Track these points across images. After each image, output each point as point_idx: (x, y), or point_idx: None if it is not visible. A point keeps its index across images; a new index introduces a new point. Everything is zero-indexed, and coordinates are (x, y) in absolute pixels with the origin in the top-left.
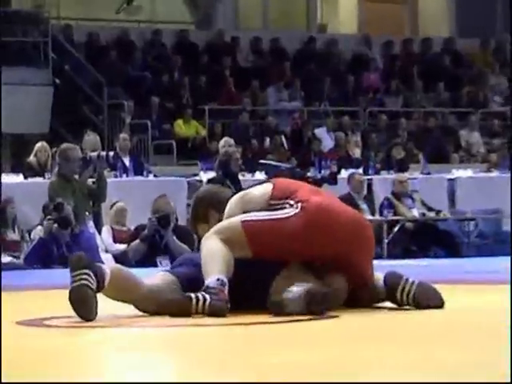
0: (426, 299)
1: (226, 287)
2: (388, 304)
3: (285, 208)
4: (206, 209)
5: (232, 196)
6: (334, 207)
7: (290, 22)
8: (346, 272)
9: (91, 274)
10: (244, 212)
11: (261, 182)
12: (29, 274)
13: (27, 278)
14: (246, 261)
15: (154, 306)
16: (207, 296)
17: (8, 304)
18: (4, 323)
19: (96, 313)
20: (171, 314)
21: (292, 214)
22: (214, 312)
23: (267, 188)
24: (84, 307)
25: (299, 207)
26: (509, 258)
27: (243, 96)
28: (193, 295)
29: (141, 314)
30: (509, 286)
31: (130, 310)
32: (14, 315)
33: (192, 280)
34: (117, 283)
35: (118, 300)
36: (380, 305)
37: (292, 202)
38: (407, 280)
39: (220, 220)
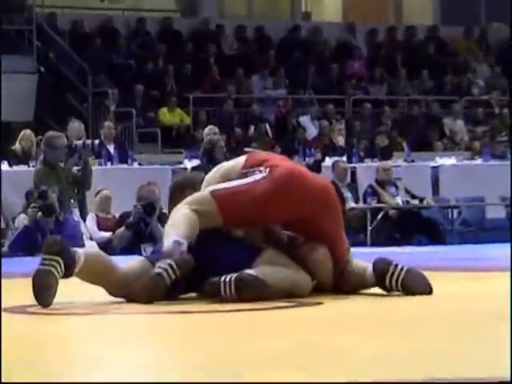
0: (415, 285)
1: (184, 246)
2: (377, 290)
3: (254, 174)
4: (183, 189)
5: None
6: (302, 173)
7: (274, 10)
8: (320, 241)
9: (60, 261)
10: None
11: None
12: (13, 261)
13: (11, 265)
14: (224, 245)
15: (127, 290)
16: (166, 263)
17: None
18: None
19: (52, 299)
20: (150, 296)
21: (260, 177)
22: (183, 266)
23: (241, 159)
24: (42, 293)
25: (267, 171)
26: (495, 245)
27: (228, 84)
28: (159, 269)
29: (120, 300)
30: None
31: (108, 295)
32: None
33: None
34: (92, 268)
35: (92, 283)
36: (369, 291)
37: (261, 168)
38: (396, 266)
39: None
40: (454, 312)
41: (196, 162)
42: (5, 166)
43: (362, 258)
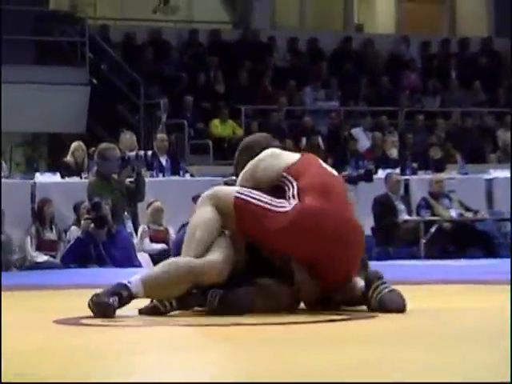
0: (390, 303)
1: None
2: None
3: (285, 194)
4: (248, 158)
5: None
6: (326, 212)
7: (326, 22)
8: (320, 277)
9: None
10: (256, 180)
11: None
12: (65, 273)
13: (64, 277)
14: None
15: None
16: None
17: (45, 303)
18: (42, 322)
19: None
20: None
21: (283, 210)
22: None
23: (291, 159)
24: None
25: (290, 206)
26: None
27: (280, 95)
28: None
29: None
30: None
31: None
32: (52, 314)
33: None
34: (160, 284)
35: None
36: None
37: (292, 191)
38: (384, 283)
39: None
40: (505, 324)
41: None
42: (57, 178)
43: (415, 270)
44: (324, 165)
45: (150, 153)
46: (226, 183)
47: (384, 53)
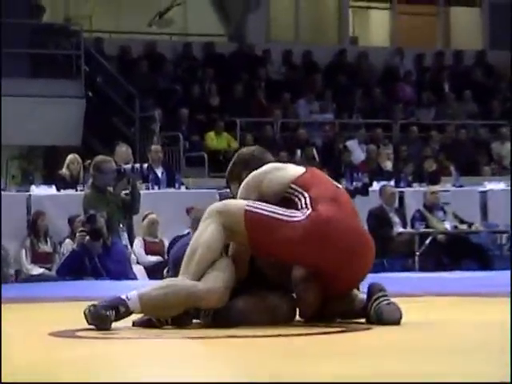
0: (386, 316)
1: None
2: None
3: (296, 205)
4: (241, 170)
5: (269, 162)
6: (339, 221)
7: (321, 35)
8: (325, 286)
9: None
10: (260, 193)
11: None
12: (61, 285)
13: (59, 289)
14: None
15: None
16: None
17: (40, 315)
18: (37, 334)
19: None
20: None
21: (296, 220)
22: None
23: (296, 171)
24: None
25: (306, 214)
26: None
27: (274, 108)
28: None
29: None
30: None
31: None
32: (47, 326)
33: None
34: (157, 303)
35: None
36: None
37: (303, 201)
38: (385, 295)
39: None
40: (501, 336)
41: None
42: (52, 190)
43: (410, 283)
44: (326, 176)
45: (145, 165)
46: (221, 195)
47: (378, 65)
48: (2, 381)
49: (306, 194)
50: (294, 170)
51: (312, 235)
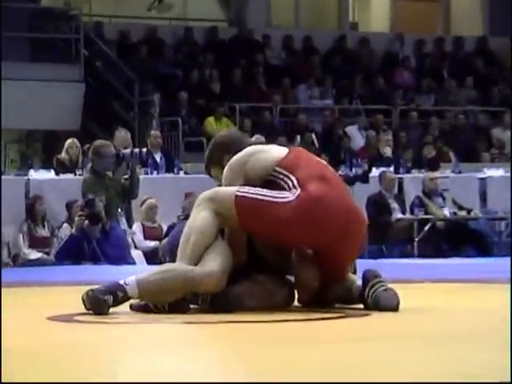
0: (384, 302)
1: None
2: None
3: (283, 187)
4: (222, 154)
5: (249, 145)
6: (330, 199)
7: (321, 20)
8: (321, 265)
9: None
10: (245, 176)
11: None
12: (59, 269)
13: (57, 273)
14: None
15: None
16: None
17: (38, 299)
18: (35, 319)
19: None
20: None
21: (286, 200)
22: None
23: (280, 153)
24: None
25: (296, 194)
26: None
27: (274, 93)
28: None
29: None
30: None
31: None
32: (45, 311)
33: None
34: (154, 289)
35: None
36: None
37: (291, 183)
38: (381, 281)
39: None
40: (499, 323)
41: None
42: (51, 175)
43: (409, 269)
44: (312, 155)
45: (144, 150)
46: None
47: (379, 51)
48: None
49: (293, 177)
50: (277, 152)
51: (303, 215)
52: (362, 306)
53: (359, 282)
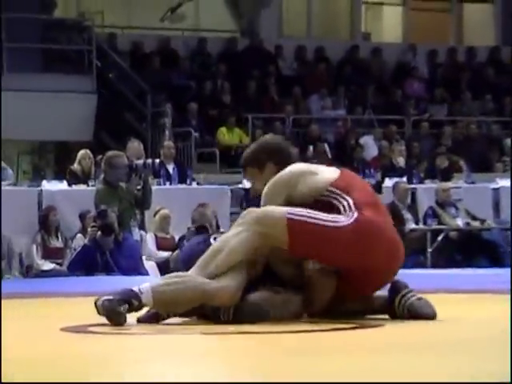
0: (420, 310)
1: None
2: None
3: (337, 207)
4: (266, 160)
5: (294, 162)
6: (384, 225)
7: (333, 31)
8: (354, 286)
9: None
10: (289, 195)
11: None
12: (72, 280)
13: (71, 284)
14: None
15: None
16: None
17: (51, 310)
18: (48, 330)
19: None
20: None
21: (342, 225)
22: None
23: (332, 173)
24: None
25: (352, 218)
26: None
27: (286, 104)
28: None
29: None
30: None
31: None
32: (58, 322)
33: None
34: (170, 298)
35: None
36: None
37: (346, 203)
38: (411, 291)
39: (277, 172)
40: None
41: None
42: (63, 186)
43: (422, 279)
44: (362, 180)
45: (157, 161)
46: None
47: (391, 61)
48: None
49: (348, 198)
50: (329, 173)
51: (360, 239)
52: (383, 316)
53: (376, 293)
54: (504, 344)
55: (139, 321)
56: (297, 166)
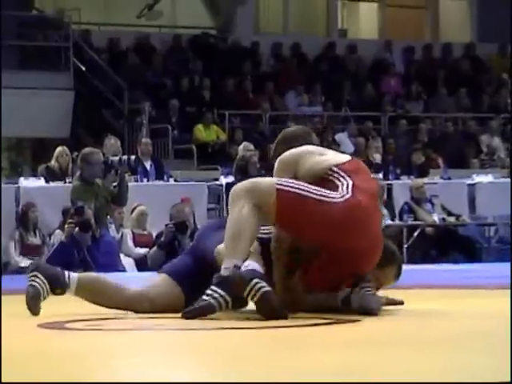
0: (366, 305)
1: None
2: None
3: (336, 185)
4: (283, 149)
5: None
6: (374, 215)
7: (310, 27)
8: (330, 270)
9: (43, 278)
10: (295, 173)
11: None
12: None
13: None
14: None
15: (149, 306)
16: (220, 296)
17: None
18: (26, 327)
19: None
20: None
21: (333, 201)
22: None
23: (342, 158)
24: (30, 303)
25: (345, 197)
26: None
27: (262, 100)
28: (213, 300)
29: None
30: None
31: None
32: (36, 319)
33: (187, 273)
34: (92, 288)
35: (98, 304)
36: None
37: (346, 184)
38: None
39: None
40: (492, 328)
41: (232, 179)
42: (41, 182)
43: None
44: (371, 173)
45: (133, 157)
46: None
47: (367, 58)
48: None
49: (350, 180)
50: (337, 156)
51: (348, 219)
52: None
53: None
54: (483, 338)
55: (186, 316)
56: (308, 147)
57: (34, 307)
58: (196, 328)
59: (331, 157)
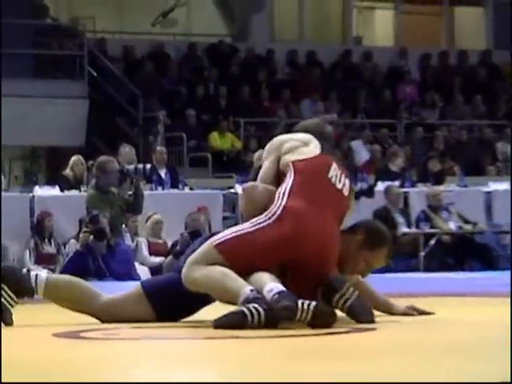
0: (359, 313)
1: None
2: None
3: (279, 192)
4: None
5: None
6: (305, 215)
7: (325, 35)
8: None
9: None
10: (280, 157)
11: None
12: None
13: None
14: None
15: (118, 315)
16: (259, 308)
17: (45, 316)
18: (41, 335)
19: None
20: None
21: (266, 223)
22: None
23: (311, 153)
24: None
25: (276, 213)
26: None
27: (278, 108)
28: (246, 311)
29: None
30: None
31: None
32: (51, 327)
33: (164, 290)
34: (61, 292)
35: (70, 309)
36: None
37: (283, 188)
38: (349, 289)
39: None
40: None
41: None
42: (56, 191)
43: (415, 283)
44: (334, 177)
45: (148, 166)
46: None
47: (383, 65)
48: (2, 381)
49: (290, 180)
50: (304, 151)
51: (285, 233)
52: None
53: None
54: (498, 345)
55: (217, 326)
56: (300, 135)
57: (6, 322)
58: (209, 337)
59: (303, 150)
